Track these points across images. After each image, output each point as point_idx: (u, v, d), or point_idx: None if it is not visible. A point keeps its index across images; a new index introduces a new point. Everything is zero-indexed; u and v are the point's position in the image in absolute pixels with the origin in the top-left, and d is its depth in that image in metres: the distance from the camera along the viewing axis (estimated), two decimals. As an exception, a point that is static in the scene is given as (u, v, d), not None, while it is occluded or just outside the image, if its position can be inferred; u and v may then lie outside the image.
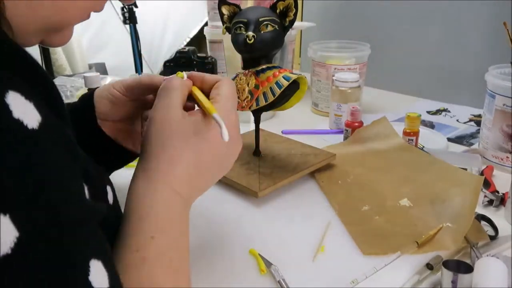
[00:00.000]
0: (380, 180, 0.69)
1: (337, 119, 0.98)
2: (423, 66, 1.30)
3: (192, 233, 0.57)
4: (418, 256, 0.52)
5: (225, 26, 0.69)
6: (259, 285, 0.48)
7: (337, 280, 0.48)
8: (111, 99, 0.53)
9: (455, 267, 0.45)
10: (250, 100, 0.66)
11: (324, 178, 0.72)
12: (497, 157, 0.78)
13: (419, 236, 0.54)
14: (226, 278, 0.50)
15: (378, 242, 0.55)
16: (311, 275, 0.50)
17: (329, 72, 1.06)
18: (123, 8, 1.30)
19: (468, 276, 0.44)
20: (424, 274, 0.50)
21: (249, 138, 0.81)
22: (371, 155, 0.77)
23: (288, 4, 0.64)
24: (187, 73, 0.48)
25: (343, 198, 0.66)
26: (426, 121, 1.05)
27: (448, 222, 0.57)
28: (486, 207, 0.65)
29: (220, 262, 0.52)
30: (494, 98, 0.76)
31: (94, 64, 2.09)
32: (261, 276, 0.49)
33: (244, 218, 0.62)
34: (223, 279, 0.49)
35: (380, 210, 0.62)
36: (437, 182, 0.66)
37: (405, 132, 0.80)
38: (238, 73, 0.70)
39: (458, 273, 0.44)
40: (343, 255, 0.54)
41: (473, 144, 0.91)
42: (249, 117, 0.77)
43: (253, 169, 0.70)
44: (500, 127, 0.76)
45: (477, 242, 0.54)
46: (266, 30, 0.63)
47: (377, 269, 0.50)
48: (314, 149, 0.77)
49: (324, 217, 0.62)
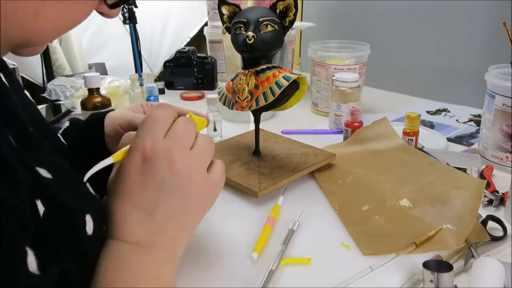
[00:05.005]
0: (380, 180, 0.69)
1: (337, 119, 0.98)
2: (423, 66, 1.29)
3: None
4: (418, 256, 0.52)
5: (225, 26, 0.69)
6: (260, 285, 0.48)
7: (335, 279, 0.48)
8: (117, 138, 0.51)
9: (436, 266, 0.45)
10: (250, 100, 0.66)
11: (324, 178, 0.72)
12: (497, 157, 0.78)
13: (419, 236, 0.54)
14: (225, 278, 0.50)
15: (377, 242, 0.55)
16: (309, 275, 0.50)
17: (329, 72, 1.06)
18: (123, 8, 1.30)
19: (447, 275, 0.44)
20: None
21: (249, 138, 0.81)
22: (371, 155, 0.77)
23: (288, 4, 0.64)
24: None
25: (343, 198, 0.66)
26: (426, 121, 1.05)
27: (448, 224, 0.56)
28: (486, 207, 0.65)
29: (220, 262, 0.52)
30: (494, 98, 0.76)
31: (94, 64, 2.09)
32: (261, 275, 0.49)
33: (244, 217, 0.62)
34: (223, 279, 0.49)
35: (380, 210, 0.62)
36: (438, 183, 0.66)
37: (405, 132, 0.80)
38: (238, 73, 0.70)
39: (437, 272, 0.44)
40: (342, 254, 0.54)
41: (473, 144, 0.91)
42: (249, 117, 0.77)
43: (253, 169, 0.70)
44: (499, 127, 0.76)
45: (477, 242, 0.54)
46: (266, 30, 0.63)
47: (373, 269, 0.50)
48: (314, 149, 0.77)
49: (324, 217, 0.62)
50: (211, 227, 0.59)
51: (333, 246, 0.55)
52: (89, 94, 0.89)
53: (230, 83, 0.71)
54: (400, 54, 1.34)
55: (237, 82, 0.68)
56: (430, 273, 0.44)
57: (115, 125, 0.54)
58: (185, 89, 1.34)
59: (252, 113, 0.72)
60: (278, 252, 0.52)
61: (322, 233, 0.58)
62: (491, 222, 0.58)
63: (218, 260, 0.52)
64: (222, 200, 0.67)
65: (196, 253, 0.54)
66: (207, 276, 0.50)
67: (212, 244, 0.56)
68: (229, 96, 0.70)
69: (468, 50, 1.19)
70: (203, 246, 0.55)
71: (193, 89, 1.33)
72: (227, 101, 0.71)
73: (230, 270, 0.51)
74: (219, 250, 0.54)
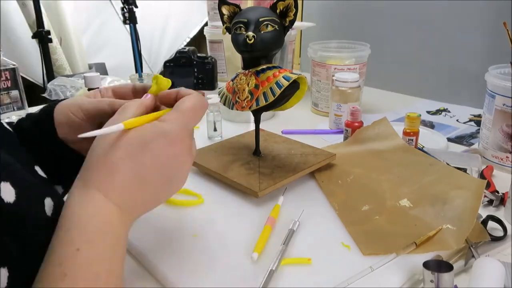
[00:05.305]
0: (380, 180, 0.69)
1: (337, 119, 0.98)
2: (423, 66, 1.30)
3: (191, 233, 0.58)
4: (418, 256, 0.52)
5: (225, 26, 0.69)
6: (260, 285, 0.48)
7: (335, 279, 0.48)
8: (70, 124, 0.51)
9: (436, 266, 0.45)
10: (250, 100, 0.66)
11: (324, 178, 0.72)
12: (497, 157, 0.78)
13: (419, 236, 0.54)
14: (225, 278, 0.50)
15: (377, 242, 0.55)
16: (309, 275, 0.50)
17: (329, 72, 1.06)
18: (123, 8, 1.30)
19: (447, 275, 0.44)
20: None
21: (249, 138, 0.81)
22: (371, 156, 0.77)
23: (288, 4, 0.64)
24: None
25: (343, 198, 0.66)
26: (426, 121, 1.05)
27: (448, 224, 0.56)
28: (486, 207, 0.65)
29: (220, 262, 0.52)
30: (494, 98, 0.76)
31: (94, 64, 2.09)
32: (261, 275, 0.49)
33: (244, 217, 0.62)
34: (223, 279, 0.49)
35: (380, 210, 0.62)
36: (438, 184, 0.66)
37: (405, 132, 0.80)
38: (238, 73, 0.70)
39: (437, 272, 0.44)
40: (342, 254, 0.54)
41: (473, 144, 0.91)
42: (249, 117, 0.77)
43: (253, 169, 0.70)
44: (500, 127, 0.76)
45: (477, 242, 0.54)
46: (266, 30, 0.63)
47: (373, 269, 0.50)
48: (314, 149, 0.77)
49: (324, 217, 0.62)
50: (211, 227, 0.59)
51: (333, 246, 0.55)
52: (89, 94, 0.89)
53: (230, 83, 0.71)
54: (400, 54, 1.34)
55: (237, 82, 0.68)
56: (431, 273, 0.44)
57: (67, 112, 0.52)
58: (185, 89, 1.34)
59: (252, 113, 0.72)
60: (278, 252, 0.52)
61: (322, 233, 0.58)
62: (491, 222, 0.58)
63: (218, 260, 0.52)
64: (222, 200, 0.67)
65: (196, 253, 0.54)
66: (207, 276, 0.50)
67: (212, 244, 0.56)
68: (229, 96, 0.70)
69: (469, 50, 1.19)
70: (203, 246, 0.55)
71: (193, 89, 1.33)
72: (227, 101, 0.71)
73: (230, 270, 0.51)
74: (219, 250, 0.54)
